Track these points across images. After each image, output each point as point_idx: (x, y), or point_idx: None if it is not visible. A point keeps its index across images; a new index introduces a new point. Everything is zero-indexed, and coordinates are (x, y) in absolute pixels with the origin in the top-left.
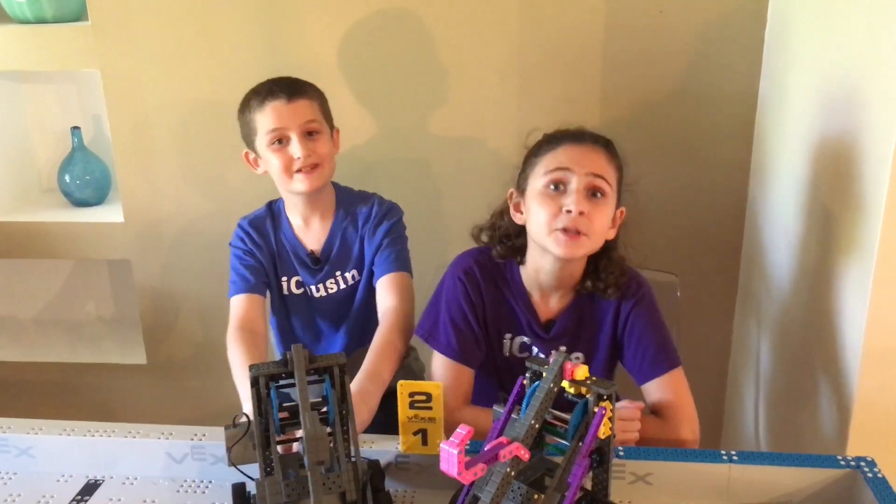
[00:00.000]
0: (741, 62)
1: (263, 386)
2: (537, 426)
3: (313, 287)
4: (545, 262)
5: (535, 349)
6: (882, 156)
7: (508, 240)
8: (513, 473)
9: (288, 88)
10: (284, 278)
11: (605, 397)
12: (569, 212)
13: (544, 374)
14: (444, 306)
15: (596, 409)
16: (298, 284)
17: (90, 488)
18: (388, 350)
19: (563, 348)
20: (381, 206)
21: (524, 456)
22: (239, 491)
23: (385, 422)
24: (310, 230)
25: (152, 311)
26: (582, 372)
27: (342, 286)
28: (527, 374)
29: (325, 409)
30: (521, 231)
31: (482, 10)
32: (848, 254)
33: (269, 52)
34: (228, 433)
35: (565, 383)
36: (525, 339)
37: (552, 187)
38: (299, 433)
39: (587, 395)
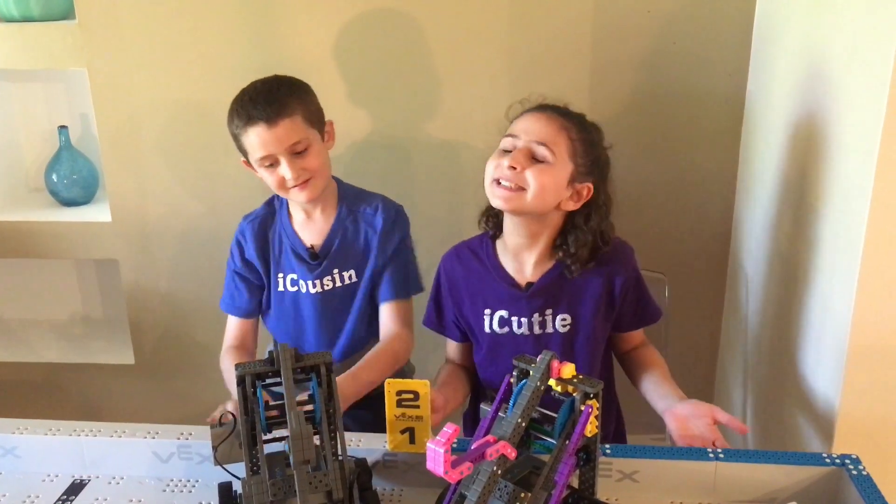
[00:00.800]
0: (729, 62)
1: (250, 385)
2: (524, 425)
3: (309, 283)
4: (506, 222)
5: (514, 321)
6: (866, 154)
7: (491, 208)
8: (499, 472)
9: (266, 110)
10: (280, 275)
11: (591, 395)
12: (509, 167)
13: (531, 373)
14: (433, 297)
15: (582, 408)
16: (293, 281)
17: (76, 488)
18: (384, 357)
19: (548, 311)
20: (388, 212)
21: (511, 454)
22: (225, 490)
23: (373, 420)
24: (311, 224)
25: (140, 310)
26: (569, 370)
27: (338, 284)
28: (514, 373)
29: (310, 406)
30: None
31: (471, 12)
32: (833, 252)
33: (258, 50)
34: (214, 432)
35: (552, 381)
36: (503, 312)
37: (504, 147)
38: (286, 432)
39: (574, 394)
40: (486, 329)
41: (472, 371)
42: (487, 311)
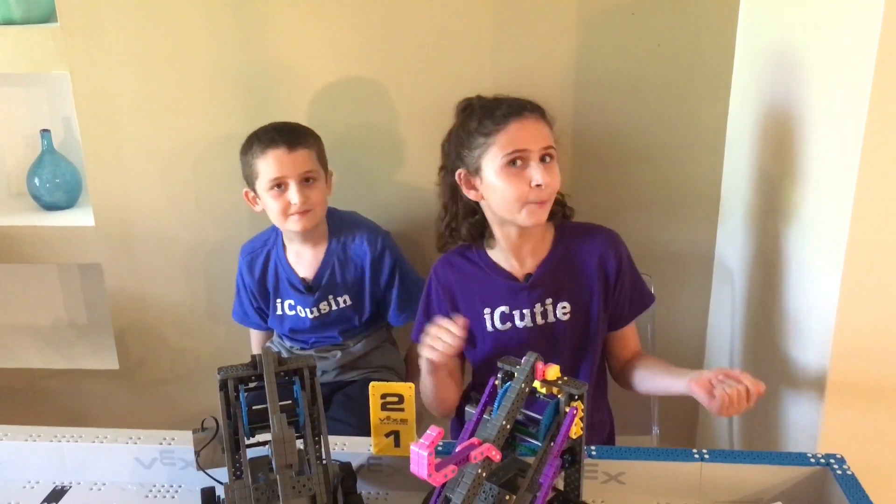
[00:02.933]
0: (713, 63)
1: (232, 389)
2: (508, 427)
3: (307, 309)
4: (510, 230)
5: (515, 315)
6: (849, 154)
7: (473, 216)
8: (484, 474)
9: (289, 138)
10: (279, 300)
11: (576, 397)
12: (538, 185)
13: (516, 375)
14: (423, 310)
15: (567, 409)
16: (291, 307)
17: (57, 495)
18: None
19: (548, 301)
20: (372, 244)
21: (495, 457)
22: (208, 495)
23: (358, 424)
24: (303, 259)
25: (124, 315)
26: (553, 372)
27: (334, 308)
28: (498, 375)
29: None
30: (479, 206)
31: (457, 13)
32: (817, 252)
33: (241, 52)
34: (196, 437)
35: (537, 383)
36: (504, 308)
37: (513, 164)
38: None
39: (559, 395)
40: (489, 328)
41: (459, 381)
42: (487, 311)
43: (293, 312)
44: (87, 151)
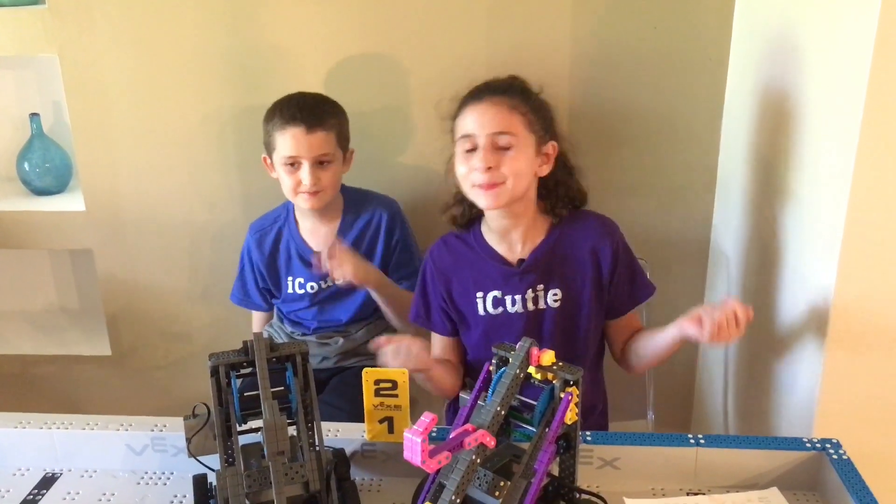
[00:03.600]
0: (710, 48)
1: (224, 375)
2: (503, 413)
3: (317, 284)
4: (491, 212)
5: (508, 300)
6: (847, 138)
7: (459, 199)
8: (478, 461)
9: (310, 117)
10: (290, 278)
11: (571, 383)
12: (476, 170)
13: (510, 360)
14: (420, 290)
15: (562, 395)
16: (301, 285)
17: (47, 482)
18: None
19: (539, 287)
20: (387, 214)
21: (490, 443)
22: (200, 482)
23: (349, 409)
24: (317, 233)
25: (116, 300)
26: (548, 357)
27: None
28: (493, 360)
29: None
30: None
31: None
32: (814, 237)
33: (232, 33)
34: (187, 424)
35: (532, 369)
36: (496, 292)
37: (466, 148)
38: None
39: (553, 381)
40: (480, 311)
41: (459, 365)
42: (480, 294)
43: (303, 291)
44: (77, 135)
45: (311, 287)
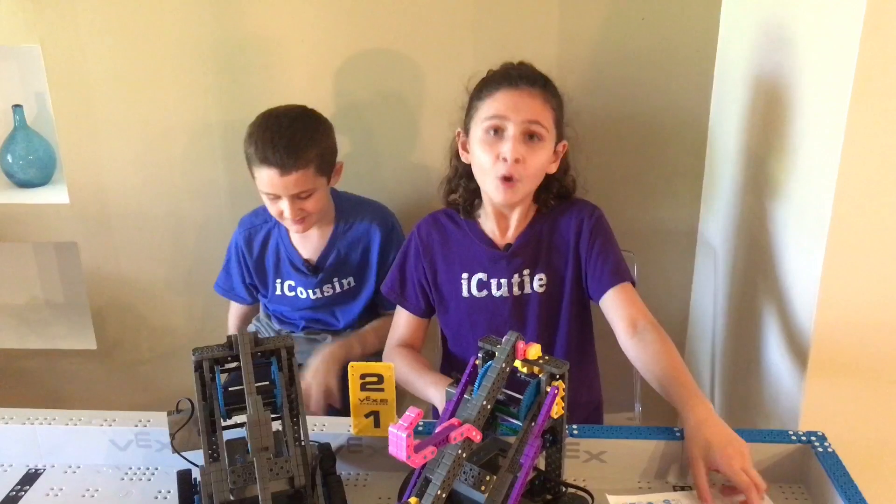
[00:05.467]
0: (698, 41)
1: (208, 370)
2: (489, 407)
3: (309, 290)
4: (493, 199)
5: (493, 283)
6: (833, 133)
7: (469, 179)
8: (464, 455)
9: (284, 158)
10: (278, 280)
11: (557, 377)
12: (505, 160)
13: (496, 354)
14: (399, 264)
15: (548, 389)
16: (290, 287)
17: (31, 477)
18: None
19: (525, 272)
20: (383, 230)
21: (476, 437)
22: (184, 478)
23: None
24: (308, 240)
25: (101, 294)
26: (534, 351)
27: (338, 290)
28: (479, 354)
29: None
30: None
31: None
32: (800, 231)
33: (217, 24)
34: (171, 419)
35: (518, 363)
36: (482, 275)
37: (491, 133)
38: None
39: (540, 375)
40: (465, 293)
41: (420, 350)
42: (465, 275)
43: (293, 294)
44: (61, 127)
45: (302, 293)
